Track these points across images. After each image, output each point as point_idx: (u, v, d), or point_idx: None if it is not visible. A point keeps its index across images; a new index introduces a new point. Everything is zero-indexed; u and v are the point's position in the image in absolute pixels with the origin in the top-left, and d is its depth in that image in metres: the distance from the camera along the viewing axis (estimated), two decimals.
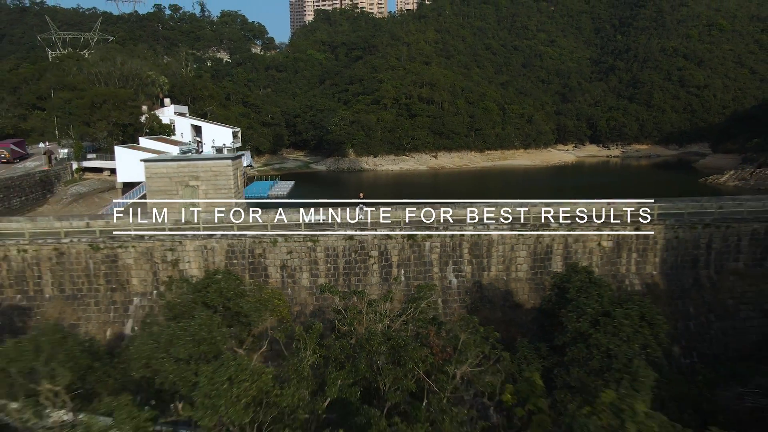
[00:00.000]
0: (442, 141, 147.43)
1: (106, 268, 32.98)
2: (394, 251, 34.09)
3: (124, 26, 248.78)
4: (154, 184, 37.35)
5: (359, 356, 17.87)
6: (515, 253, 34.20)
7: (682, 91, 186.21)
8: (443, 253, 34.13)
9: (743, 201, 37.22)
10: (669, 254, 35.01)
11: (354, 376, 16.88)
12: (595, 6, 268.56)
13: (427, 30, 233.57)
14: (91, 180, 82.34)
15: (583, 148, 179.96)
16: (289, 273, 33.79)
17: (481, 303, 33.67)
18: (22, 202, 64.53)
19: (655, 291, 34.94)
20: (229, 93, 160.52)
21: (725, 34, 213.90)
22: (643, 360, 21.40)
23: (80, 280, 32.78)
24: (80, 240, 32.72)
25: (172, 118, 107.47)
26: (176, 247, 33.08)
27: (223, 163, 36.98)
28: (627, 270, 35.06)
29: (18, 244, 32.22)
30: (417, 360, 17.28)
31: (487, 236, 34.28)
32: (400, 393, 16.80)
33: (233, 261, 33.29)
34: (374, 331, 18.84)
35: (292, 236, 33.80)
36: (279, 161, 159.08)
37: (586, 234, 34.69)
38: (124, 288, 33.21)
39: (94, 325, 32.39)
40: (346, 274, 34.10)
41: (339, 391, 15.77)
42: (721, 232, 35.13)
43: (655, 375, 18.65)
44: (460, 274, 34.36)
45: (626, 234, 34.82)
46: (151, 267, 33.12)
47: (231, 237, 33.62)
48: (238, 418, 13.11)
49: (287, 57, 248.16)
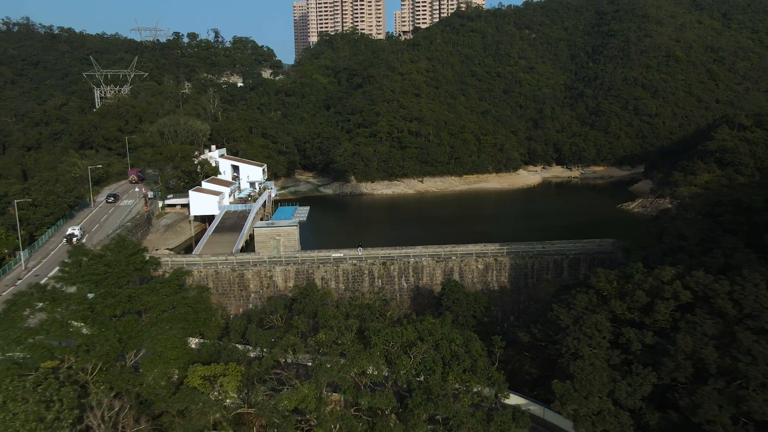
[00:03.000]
0: (427, 168, 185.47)
1: (237, 279, 70.53)
2: (375, 271, 71.69)
3: (149, 56, 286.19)
4: (260, 237, 75.19)
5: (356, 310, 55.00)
6: (434, 271, 71.80)
7: (636, 119, 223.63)
8: (399, 271, 71.73)
9: (551, 244, 74.76)
10: (512, 271, 72.67)
11: (359, 317, 53.76)
12: (572, 33, 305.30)
13: (419, 60, 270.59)
14: (171, 213, 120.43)
15: (549, 169, 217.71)
16: (325, 281, 71.36)
17: (418, 296, 71.37)
18: (141, 233, 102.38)
19: (505, 290, 72.65)
20: (251, 126, 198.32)
21: (681, 65, 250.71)
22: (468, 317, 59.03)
23: (226, 285, 70.30)
24: (226, 266, 70.39)
25: (216, 160, 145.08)
26: (271, 269, 70.72)
27: (292, 228, 74.62)
28: (491, 279, 72.70)
29: (198, 268, 69.83)
30: (374, 310, 54.31)
31: (421, 262, 71.93)
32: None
33: (298, 276, 70.89)
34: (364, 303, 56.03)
35: (326, 263, 71.41)
36: (293, 183, 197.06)
37: (471, 261, 72.34)
38: (246, 289, 70.82)
39: (233, 307, 70.01)
40: (353, 282, 71.59)
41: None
42: (539, 260, 72.80)
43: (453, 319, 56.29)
44: (408, 282, 72.03)
45: (491, 261, 72.50)
46: (259, 279, 70.71)
47: (296, 263, 71.10)
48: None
49: (294, 82, 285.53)
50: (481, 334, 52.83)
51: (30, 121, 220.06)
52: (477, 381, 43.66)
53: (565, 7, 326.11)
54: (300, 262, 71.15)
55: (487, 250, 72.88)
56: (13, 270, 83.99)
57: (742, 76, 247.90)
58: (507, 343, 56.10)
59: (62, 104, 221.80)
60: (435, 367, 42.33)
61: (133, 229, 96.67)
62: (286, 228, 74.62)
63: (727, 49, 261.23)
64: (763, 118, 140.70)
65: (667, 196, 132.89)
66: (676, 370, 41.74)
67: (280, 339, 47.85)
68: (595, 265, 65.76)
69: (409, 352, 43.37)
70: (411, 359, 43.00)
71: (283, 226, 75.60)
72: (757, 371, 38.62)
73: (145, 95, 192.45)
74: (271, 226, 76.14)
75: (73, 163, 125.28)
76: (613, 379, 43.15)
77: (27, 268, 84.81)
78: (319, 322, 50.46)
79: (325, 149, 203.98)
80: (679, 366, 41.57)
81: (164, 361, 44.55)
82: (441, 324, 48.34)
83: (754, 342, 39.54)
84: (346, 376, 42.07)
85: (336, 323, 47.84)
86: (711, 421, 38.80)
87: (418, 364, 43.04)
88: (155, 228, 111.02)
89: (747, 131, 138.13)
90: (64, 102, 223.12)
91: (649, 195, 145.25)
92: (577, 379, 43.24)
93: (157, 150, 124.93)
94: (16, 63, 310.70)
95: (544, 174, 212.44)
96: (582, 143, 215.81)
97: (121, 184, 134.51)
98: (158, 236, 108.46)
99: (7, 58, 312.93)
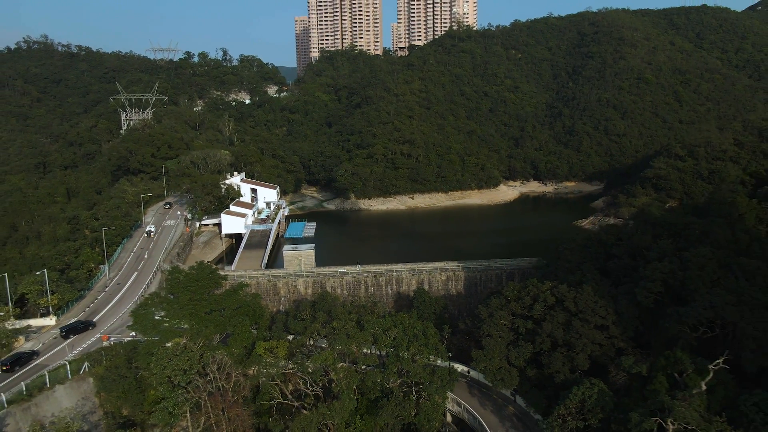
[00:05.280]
0: (417, 186, 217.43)
1: (272, 288, 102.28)
2: (369, 282, 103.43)
3: (165, 75, 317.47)
4: (287, 258, 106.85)
5: (357, 309, 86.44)
6: (410, 281, 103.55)
7: (605, 138, 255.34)
8: (386, 282, 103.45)
9: (494, 262, 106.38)
10: (466, 282, 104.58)
11: (357, 313, 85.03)
12: (555, 54, 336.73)
13: (413, 81, 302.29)
14: (206, 231, 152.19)
15: (527, 184, 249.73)
16: (334, 289, 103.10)
17: (398, 299, 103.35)
18: (188, 249, 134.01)
19: (461, 295, 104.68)
20: (262, 148, 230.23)
21: (650, 86, 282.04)
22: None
23: (264, 292, 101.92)
24: (264, 278, 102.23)
25: (238, 184, 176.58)
26: (295, 280, 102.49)
27: (310, 251, 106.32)
28: (451, 287, 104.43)
29: (256, 280, 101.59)
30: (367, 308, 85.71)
31: (401, 275, 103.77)
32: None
33: (315, 285, 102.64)
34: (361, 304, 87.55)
35: (334, 276, 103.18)
36: (300, 198, 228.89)
37: (437, 274, 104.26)
38: (278, 294, 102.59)
39: (270, 307, 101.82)
40: (353, 290, 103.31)
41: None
42: (485, 274, 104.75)
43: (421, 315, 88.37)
44: (392, 289, 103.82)
45: (451, 274, 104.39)
46: (287, 287, 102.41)
47: (313, 276, 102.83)
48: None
49: (298, 100, 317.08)
50: (437, 325, 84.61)
51: (64, 142, 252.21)
52: (428, 352, 75.30)
53: (550, 28, 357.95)
54: (316, 275, 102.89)
55: (449, 266, 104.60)
56: (101, 279, 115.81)
57: (705, 97, 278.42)
58: (454, 331, 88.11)
59: (92, 126, 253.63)
60: (402, 342, 74.02)
61: (185, 247, 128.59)
62: (305, 251, 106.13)
63: (694, 71, 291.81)
64: (695, 149, 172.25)
65: (612, 215, 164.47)
66: (542, 343, 73.42)
67: (308, 326, 79.86)
68: (524, 278, 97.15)
69: (387, 334, 75.11)
70: (388, 338, 74.75)
71: (303, 250, 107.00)
72: (581, 343, 70.29)
73: (169, 121, 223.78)
74: (295, 249, 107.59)
75: (124, 190, 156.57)
76: (508, 349, 74.85)
77: (110, 277, 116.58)
78: (332, 316, 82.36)
79: (327, 167, 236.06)
80: (543, 341, 73.26)
81: (240, 339, 76.45)
82: (408, 317, 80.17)
83: (581, 327, 71.18)
84: (349, 347, 73.92)
85: (342, 316, 79.74)
86: (558, 371, 70.48)
87: (392, 340, 74.76)
88: (196, 244, 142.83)
89: (679, 161, 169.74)
90: (94, 124, 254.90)
91: (598, 213, 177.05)
92: (486, 349, 74.94)
93: (193, 179, 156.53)
94: (39, 81, 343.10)
95: (522, 189, 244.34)
96: (556, 161, 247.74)
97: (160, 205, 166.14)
98: (199, 251, 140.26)
99: (30, 76, 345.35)
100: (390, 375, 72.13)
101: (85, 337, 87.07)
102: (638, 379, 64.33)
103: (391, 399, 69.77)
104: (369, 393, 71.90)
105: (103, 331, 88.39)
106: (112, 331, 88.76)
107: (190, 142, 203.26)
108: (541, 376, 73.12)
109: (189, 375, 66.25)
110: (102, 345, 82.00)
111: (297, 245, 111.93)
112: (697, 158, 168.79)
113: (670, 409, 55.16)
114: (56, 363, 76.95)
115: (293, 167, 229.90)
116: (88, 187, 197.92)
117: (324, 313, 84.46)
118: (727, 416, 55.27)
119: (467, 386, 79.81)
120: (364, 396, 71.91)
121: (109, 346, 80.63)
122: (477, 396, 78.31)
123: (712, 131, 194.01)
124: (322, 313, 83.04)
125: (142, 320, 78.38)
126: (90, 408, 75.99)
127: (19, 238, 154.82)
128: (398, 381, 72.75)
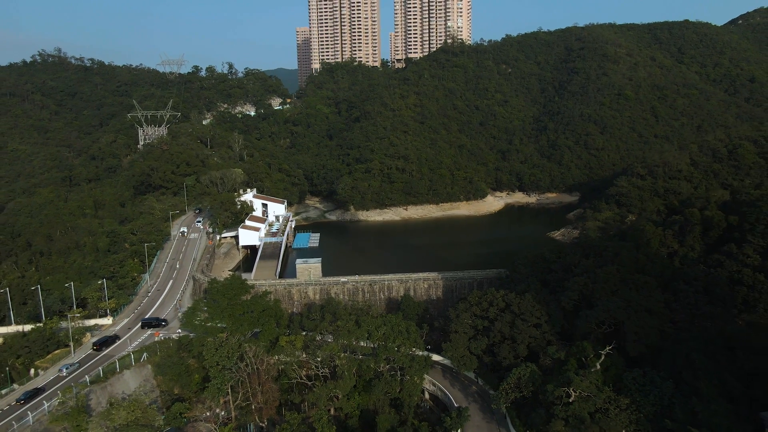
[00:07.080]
0: (410, 198, 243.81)
1: (287, 294, 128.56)
2: (365, 289, 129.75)
3: (175, 89, 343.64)
4: (299, 270, 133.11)
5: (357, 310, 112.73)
6: (399, 289, 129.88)
7: (585, 152, 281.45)
8: (379, 289, 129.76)
9: (468, 273, 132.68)
10: (444, 289, 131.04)
11: (356, 314, 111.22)
12: (543, 68, 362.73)
13: (409, 95, 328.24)
14: (225, 243, 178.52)
15: (513, 195, 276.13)
16: (337, 295, 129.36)
17: (389, 303, 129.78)
18: (211, 260, 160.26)
19: (440, 300, 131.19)
20: (270, 163, 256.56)
21: (629, 102, 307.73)
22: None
23: (280, 297, 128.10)
24: (281, 286, 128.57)
25: (251, 200, 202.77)
26: (306, 288, 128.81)
27: (318, 264, 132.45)
28: (432, 294, 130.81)
29: (274, 288, 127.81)
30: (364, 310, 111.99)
31: (392, 283, 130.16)
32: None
33: (322, 292, 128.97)
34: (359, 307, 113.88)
35: (337, 284, 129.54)
36: (304, 209, 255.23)
37: (421, 283, 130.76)
38: (292, 299, 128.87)
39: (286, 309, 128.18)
40: (353, 295, 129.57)
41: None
42: (460, 283, 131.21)
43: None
44: (384, 295, 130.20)
45: (432, 283, 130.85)
46: (300, 294, 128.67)
47: (321, 284, 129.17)
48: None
49: (300, 112, 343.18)
50: (419, 324, 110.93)
51: (86, 156, 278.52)
52: (410, 345, 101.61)
53: (539, 43, 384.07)
54: (323, 284, 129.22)
55: (430, 276, 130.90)
56: (143, 286, 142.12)
57: (680, 112, 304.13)
58: (432, 328, 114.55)
59: (112, 141, 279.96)
60: (390, 337, 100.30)
61: (210, 258, 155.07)
62: (314, 264, 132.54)
63: (671, 86, 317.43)
64: (655, 169, 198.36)
65: (579, 228, 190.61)
66: (494, 337, 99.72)
67: (318, 325, 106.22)
68: (490, 286, 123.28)
69: (378, 330, 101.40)
70: (379, 333, 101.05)
71: (312, 263, 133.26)
72: (522, 337, 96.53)
73: (184, 138, 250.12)
74: (305, 263, 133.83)
75: (153, 207, 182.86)
76: (469, 342, 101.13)
77: (150, 285, 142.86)
78: (336, 316, 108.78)
79: (329, 179, 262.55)
80: (495, 335, 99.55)
81: (267, 334, 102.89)
82: (396, 318, 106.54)
83: (522, 325, 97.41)
84: (350, 340, 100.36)
85: (344, 317, 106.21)
86: (505, 357, 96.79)
87: (383, 335, 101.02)
88: (217, 255, 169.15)
89: (640, 179, 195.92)
90: (113, 139, 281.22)
91: (569, 226, 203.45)
92: (453, 342, 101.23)
93: (214, 197, 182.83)
94: (56, 94, 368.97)
95: (507, 200, 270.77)
96: (539, 173, 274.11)
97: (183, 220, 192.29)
98: (221, 261, 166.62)
99: (47, 89, 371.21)
100: (380, 361, 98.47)
101: (139, 335, 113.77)
102: (559, 363, 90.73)
103: (381, 379, 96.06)
104: (365, 375, 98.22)
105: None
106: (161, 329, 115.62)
107: (205, 159, 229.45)
108: (494, 362, 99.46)
109: (231, 360, 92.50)
110: (155, 340, 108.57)
111: (307, 259, 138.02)
112: (655, 177, 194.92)
113: (573, 382, 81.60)
114: (132, 346, 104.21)
115: (298, 180, 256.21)
116: (113, 200, 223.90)
117: (330, 314, 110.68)
118: (614, 387, 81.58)
119: (441, 371, 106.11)
120: (361, 377, 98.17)
121: (162, 340, 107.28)
122: (449, 378, 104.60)
123: (671, 152, 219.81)
124: (329, 314, 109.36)
125: (191, 320, 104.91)
126: (150, 388, 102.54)
127: (61, 249, 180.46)
128: (387, 366, 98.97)
